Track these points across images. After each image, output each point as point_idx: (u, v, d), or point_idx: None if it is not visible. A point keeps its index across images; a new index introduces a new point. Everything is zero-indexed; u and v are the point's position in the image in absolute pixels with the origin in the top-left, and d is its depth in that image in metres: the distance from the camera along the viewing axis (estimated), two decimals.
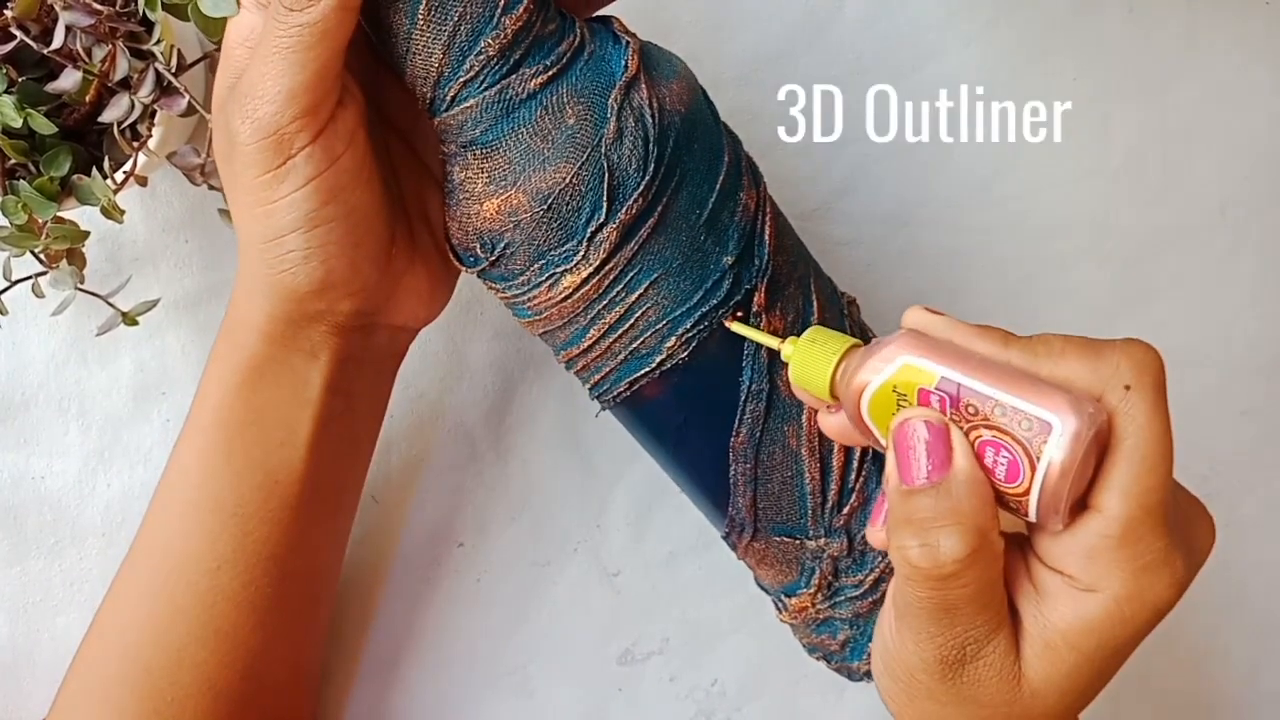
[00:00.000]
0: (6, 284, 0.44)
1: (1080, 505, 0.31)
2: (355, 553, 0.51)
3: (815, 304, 0.40)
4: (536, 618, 0.54)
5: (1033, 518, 0.31)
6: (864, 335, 0.43)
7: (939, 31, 0.54)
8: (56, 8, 0.40)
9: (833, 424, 0.35)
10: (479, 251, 0.38)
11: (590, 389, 0.41)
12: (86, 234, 0.43)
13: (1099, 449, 0.30)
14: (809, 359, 0.34)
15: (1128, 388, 0.30)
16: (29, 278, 0.44)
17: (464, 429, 0.53)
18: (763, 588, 0.45)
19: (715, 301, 0.38)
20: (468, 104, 0.36)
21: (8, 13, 0.41)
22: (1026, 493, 0.30)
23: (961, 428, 0.31)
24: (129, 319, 0.45)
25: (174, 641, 0.42)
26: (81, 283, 0.44)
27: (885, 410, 0.32)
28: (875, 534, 0.36)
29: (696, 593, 0.55)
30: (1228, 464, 0.59)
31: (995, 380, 0.30)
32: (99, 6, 0.40)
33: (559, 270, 0.37)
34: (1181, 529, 0.31)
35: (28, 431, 0.50)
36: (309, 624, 0.46)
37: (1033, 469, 0.30)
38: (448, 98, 0.36)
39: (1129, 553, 0.30)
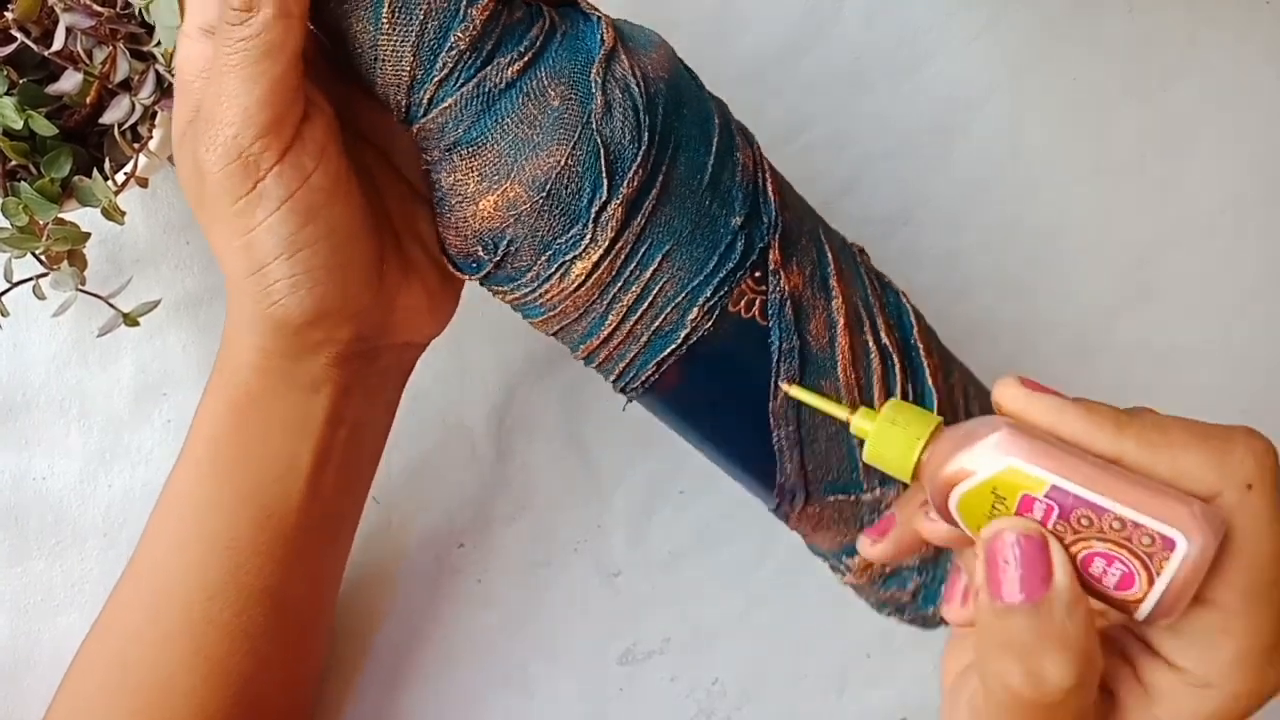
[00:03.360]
0: (7, 285, 0.44)
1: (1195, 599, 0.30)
2: (356, 553, 0.51)
3: (829, 254, 0.40)
4: (536, 618, 0.54)
5: (1141, 619, 0.30)
6: (879, 282, 0.42)
7: (939, 31, 0.54)
8: (57, 10, 0.40)
9: (939, 533, 0.33)
10: (481, 254, 0.37)
11: (615, 381, 0.39)
12: (87, 235, 0.43)
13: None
14: (889, 440, 0.32)
15: (1250, 486, 0.29)
16: (30, 279, 0.44)
17: (464, 429, 0.53)
18: (819, 554, 0.43)
19: (732, 265, 0.37)
20: (446, 104, 0.35)
21: (8, 15, 0.41)
22: (1140, 601, 0.29)
23: (1067, 538, 0.29)
24: (130, 320, 0.45)
25: (165, 666, 0.41)
26: (82, 284, 0.44)
27: (979, 510, 0.30)
28: (953, 612, 0.35)
29: (696, 593, 0.55)
30: None
31: (1112, 491, 0.29)
32: (99, 8, 0.40)
33: (568, 258, 0.36)
34: None
35: (29, 432, 0.50)
36: (304, 650, 0.46)
37: (1150, 582, 0.29)
38: (424, 101, 0.35)
39: (1248, 647, 0.30)
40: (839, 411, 0.34)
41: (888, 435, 0.32)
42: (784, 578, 0.56)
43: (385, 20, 0.34)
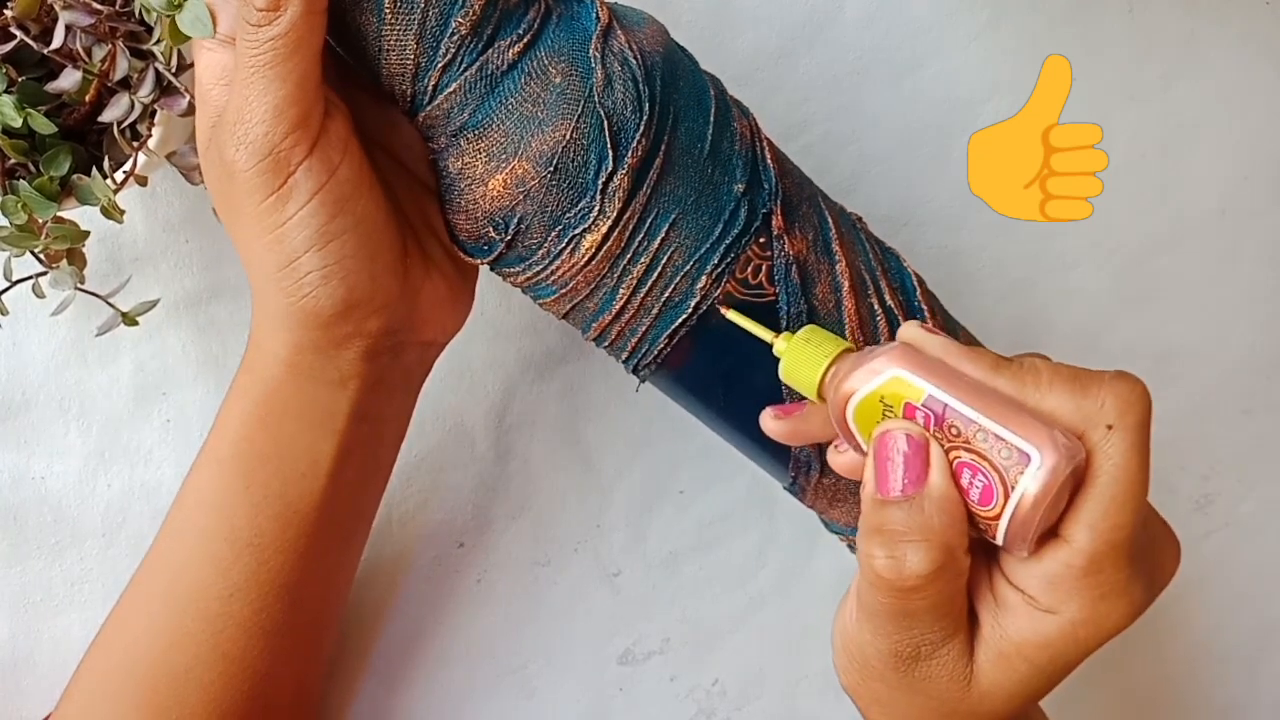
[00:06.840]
0: (7, 284, 0.44)
1: (1050, 532, 0.31)
2: None
3: (830, 220, 0.40)
4: (536, 618, 0.54)
5: (1000, 542, 0.31)
6: (879, 247, 0.42)
7: (939, 31, 0.54)
8: (56, 7, 0.40)
9: (843, 462, 0.35)
10: (492, 234, 0.38)
11: (627, 359, 0.40)
12: (86, 234, 0.43)
13: (1074, 483, 0.31)
14: (801, 358, 0.34)
15: (1110, 427, 0.30)
16: (29, 278, 0.44)
17: (464, 429, 0.53)
18: (835, 530, 0.44)
19: (737, 231, 0.38)
20: (450, 89, 0.36)
21: (8, 12, 0.41)
22: (998, 518, 0.31)
23: (942, 446, 0.31)
24: (129, 319, 0.45)
25: (181, 663, 0.41)
26: (81, 283, 0.44)
27: (870, 419, 0.33)
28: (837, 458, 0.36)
29: (696, 593, 0.55)
30: (1228, 464, 0.59)
31: (981, 405, 0.31)
32: (99, 6, 0.40)
33: (578, 232, 0.37)
34: (1146, 557, 0.32)
35: (28, 432, 0.50)
36: (317, 645, 0.46)
37: (1006, 496, 0.30)
38: (429, 89, 0.36)
39: (1090, 582, 0.31)
40: (765, 334, 0.36)
41: (800, 354, 0.34)
42: (784, 578, 0.56)
43: (388, 11, 0.35)
